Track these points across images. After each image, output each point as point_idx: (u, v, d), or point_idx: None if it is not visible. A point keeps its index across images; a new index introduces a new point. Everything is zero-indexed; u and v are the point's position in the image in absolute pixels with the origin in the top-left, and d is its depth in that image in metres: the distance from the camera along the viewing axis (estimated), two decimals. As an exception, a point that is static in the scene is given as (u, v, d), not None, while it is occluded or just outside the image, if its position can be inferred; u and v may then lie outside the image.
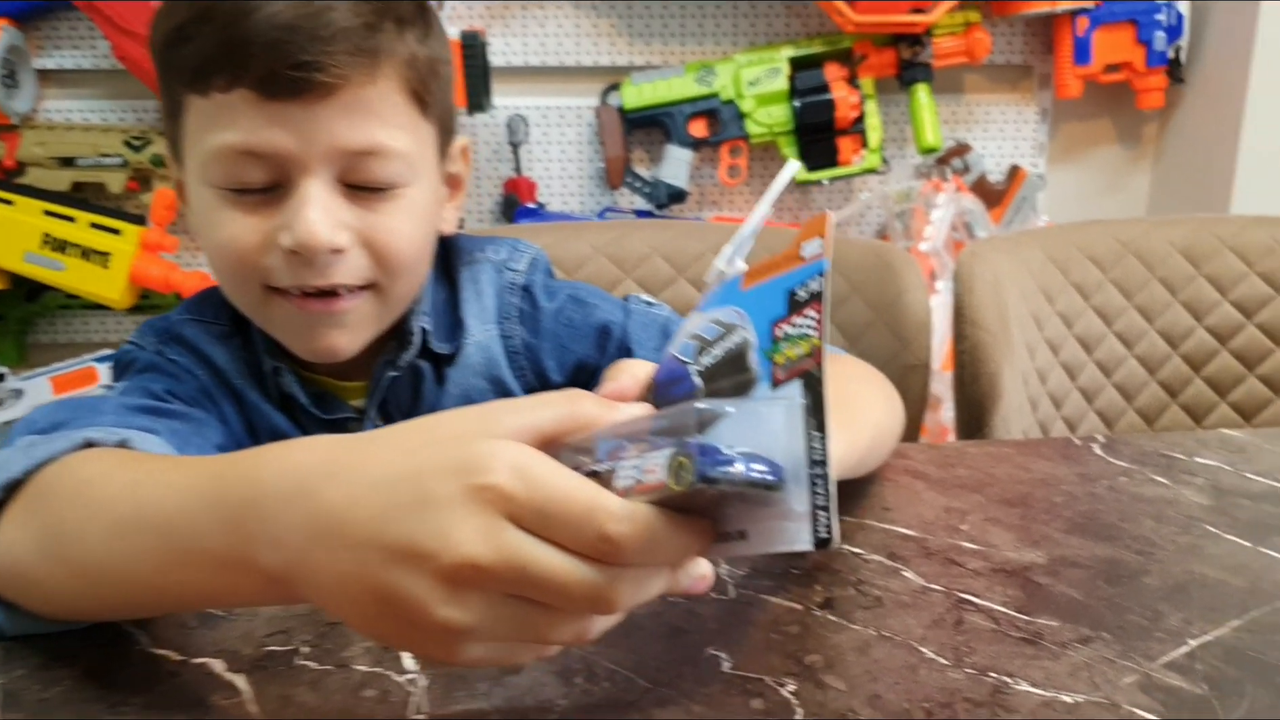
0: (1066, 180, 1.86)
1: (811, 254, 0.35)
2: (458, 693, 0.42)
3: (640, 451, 0.34)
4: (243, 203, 0.58)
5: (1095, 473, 0.65)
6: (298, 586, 0.36)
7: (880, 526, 0.58)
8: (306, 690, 0.43)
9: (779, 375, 0.35)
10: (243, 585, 0.38)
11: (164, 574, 0.40)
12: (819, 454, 0.33)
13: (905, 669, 0.44)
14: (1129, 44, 1.68)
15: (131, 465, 0.44)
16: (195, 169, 0.59)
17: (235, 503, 0.37)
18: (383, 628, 0.35)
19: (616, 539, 0.32)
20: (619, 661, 0.44)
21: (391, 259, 0.60)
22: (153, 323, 0.68)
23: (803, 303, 0.35)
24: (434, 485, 0.32)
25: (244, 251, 0.58)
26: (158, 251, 1.60)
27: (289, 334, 0.62)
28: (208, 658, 0.45)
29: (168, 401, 0.62)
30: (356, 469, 0.35)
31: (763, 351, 0.36)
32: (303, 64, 0.54)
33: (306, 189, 0.57)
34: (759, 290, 0.37)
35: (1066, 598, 0.49)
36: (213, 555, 0.38)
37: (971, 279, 0.94)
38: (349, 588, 0.34)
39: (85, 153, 1.61)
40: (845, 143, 1.69)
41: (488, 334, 0.68)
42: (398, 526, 0.33)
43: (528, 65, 1.71)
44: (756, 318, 0.37)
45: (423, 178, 0.62)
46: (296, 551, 0.35)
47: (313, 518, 0.34)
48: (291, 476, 0.36)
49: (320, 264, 0.58)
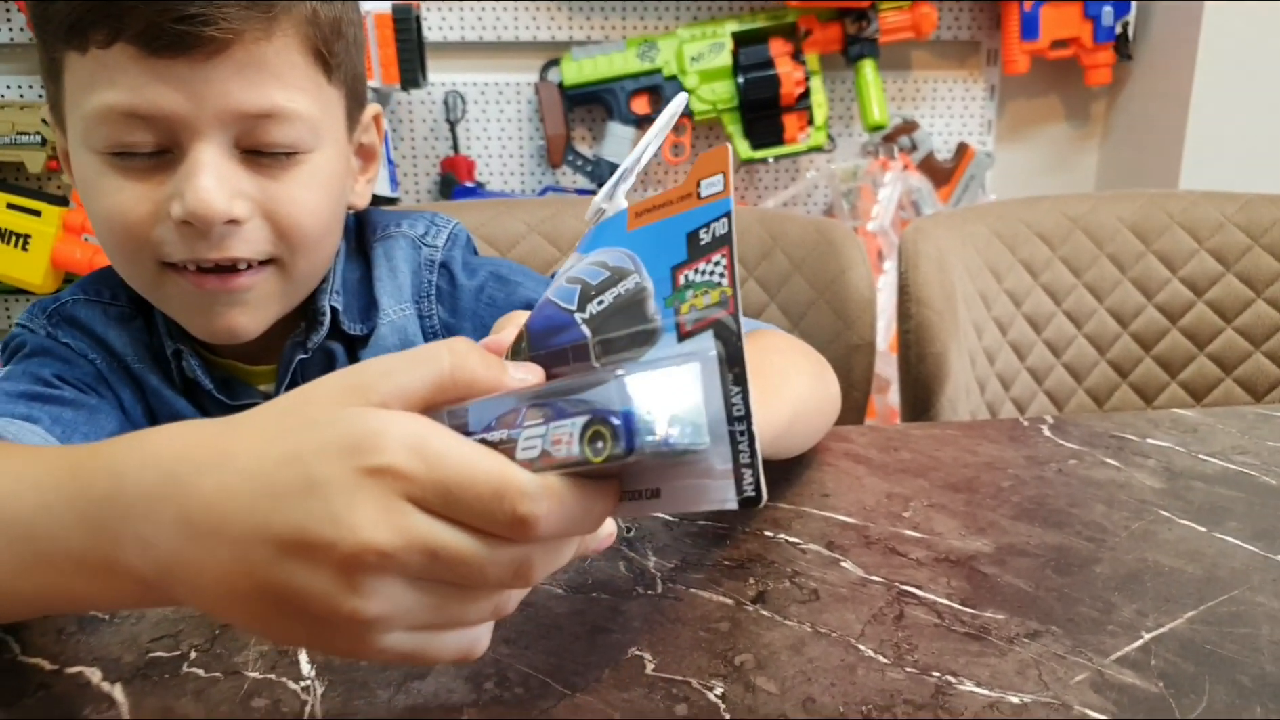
0: (1014, 158, 1.86)
1: (711, 192, 0.32)
2: (357, 701, 0.38)
3: (542, 418, 0.30)
4: (129, 169, 0.53)
5: (1044, 455, 0.63)
6: (173, 589, 0.32)
7: (819, 514, 0.55)
8: (190, 701, 0.39)
9: (685, 326, 0.32)
10: (111, 589, 0.34)
11: (23, 578, 0.35)
12: (739, 409, 0.30)
13: (842, 669, 0.41)
14: (1076, 19, 1.68)
15: None
16: (77, 133, 0.54)
17: (96, 498, 0.33)
18: (279, 627, 0.31)
19: (530, 519, 0.29)
20: (534, 665, 0.41)
21: (294, 232, 0.56)
22: (43, 303, 0.63)
23: (707, 247, 0.32)
24: (320, 468, 0.29)
25: (132, 223, 0.53)
26: (80, 234, 1.52)
27: (186, 314, 0.58)
28: (84, 666, 0.41)
29: (57, 387, 0.57)
30: (228, 457, 0.31)
31: (663, 299, 0.32)
32: (189, 16, 0.49)
33: (198, 154, 0.52)
34: (650, 231, 0.33)
35: (1014, 589, 0.47)
36: (75, 558, 0.33)
37: (916, 256, 0.92)
38: (236, 587, 0.30)
39: (1, 131, 1.53)
40: (790, 120, 1.66)
41: (403, 313, 0.63)
42: (284, 516, 0.29)
43: (464, 40, 1.66)
44: (651, 262, 0.33)
45: (328, 144, 0.57)
46: (169, 553, 0.31)
47: (184, 514, 0.31)
48: (155, 469, 0.32)
49: (215, 236, 0.53)
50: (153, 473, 0.32)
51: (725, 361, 0.30)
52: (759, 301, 0.96)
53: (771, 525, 0.53)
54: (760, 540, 0.52)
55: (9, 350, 0.61)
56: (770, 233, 0.95)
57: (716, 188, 0.32)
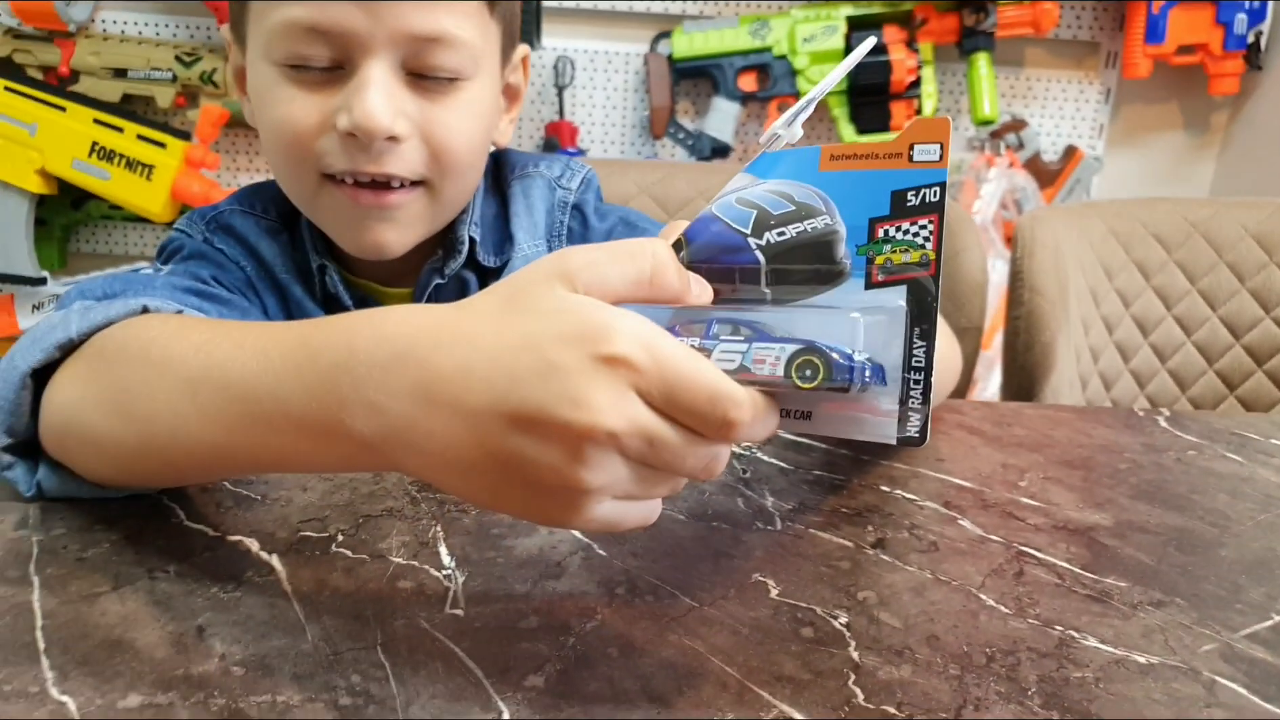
0: (1124, 164, 1.81)
1: (925, 159, 0.33)
2: (496, 591, 0.40)
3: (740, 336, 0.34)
4: (303, 80, 0.56)
5: (1162, 444, 0.62)
6: (395, 453, 0.34)
7: (935, 475, 0.55)
8: (341, 576, 0.41)
9: (877, 275, 0.33)
10: (327, 451, 0.36)
11: (238, 435, 0.38)
12: (919, 360, 0.33)
13: (964, 614, 0.41)
14: (1207, 25, 1.62)
15: (200, 327, 0.42)
16: (258, 46, 0.57)
17: (325, 367, 0.35)
18: (498, 493, 0.34)
19: (737, 423, 0.32)
20: (662, 577, 0.42)
21: (447, 155, 0.58)
22: (202, 211, 0.66)
23: (914, 209, 0.33)
24: (558, 353, 0.31)
25: (301, 131, 0.56)
26: (200, 168, 1.58)
27: (338, 226, 0.60)
28: (243, 536, 0.44)
29: (212, 287, 0.60)
30: (466, 337, 0.33)
31: (855, 245, 0.34)
32: None
33: (369, 71, 0.55)
34: (848, 177, 0.34)
35: (1135, 560, 0.47)
36: (296, 419, 0.36)
37: (1032, 244, 0.91)
38: (464, 455, 0.33)
39: (137, 65, 1.59)
40: (899, 107, 1.64)
41: (536, 249, 0.65)
42: (524, 393, 0.31)
43: (579, 8, 1.67)
44: (847, 208, 0.34)
45: (484, 75, 0.60)
46: (400, 418, 0.33)
47: (421, 385, 0.33)
48: (391, 343, 0.34)
49: (376, 150, 0.56)
50: (389, 346, 0.34)
51: (915, 317, 0.33)
52: (865, 278, 0.96)
53: (888, 481, 0.54)
54: (877, 493, 0.52)
55: (166, 253, 0.65)
56: (884, 210, 0.95)
57: (932, 156, 0.33)
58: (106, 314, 0.44)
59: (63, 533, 0.43)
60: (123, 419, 0.41)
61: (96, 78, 1.60)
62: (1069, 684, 0.37)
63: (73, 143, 1.55)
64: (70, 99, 1.56)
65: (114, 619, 0.37)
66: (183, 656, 0.35)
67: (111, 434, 0.41)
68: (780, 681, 0.36)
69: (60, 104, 1.55)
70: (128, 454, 0.42)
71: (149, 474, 0.44)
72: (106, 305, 0.45)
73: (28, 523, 0.44)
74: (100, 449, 0.43)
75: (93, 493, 0.45)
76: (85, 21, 1.61)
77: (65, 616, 0.37)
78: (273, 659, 0.35)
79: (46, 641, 0.36)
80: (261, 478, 0.49)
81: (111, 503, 0.46)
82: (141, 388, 0.40)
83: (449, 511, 0.47)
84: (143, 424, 0.40)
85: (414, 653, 0.36)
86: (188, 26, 1.66)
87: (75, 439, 0.43)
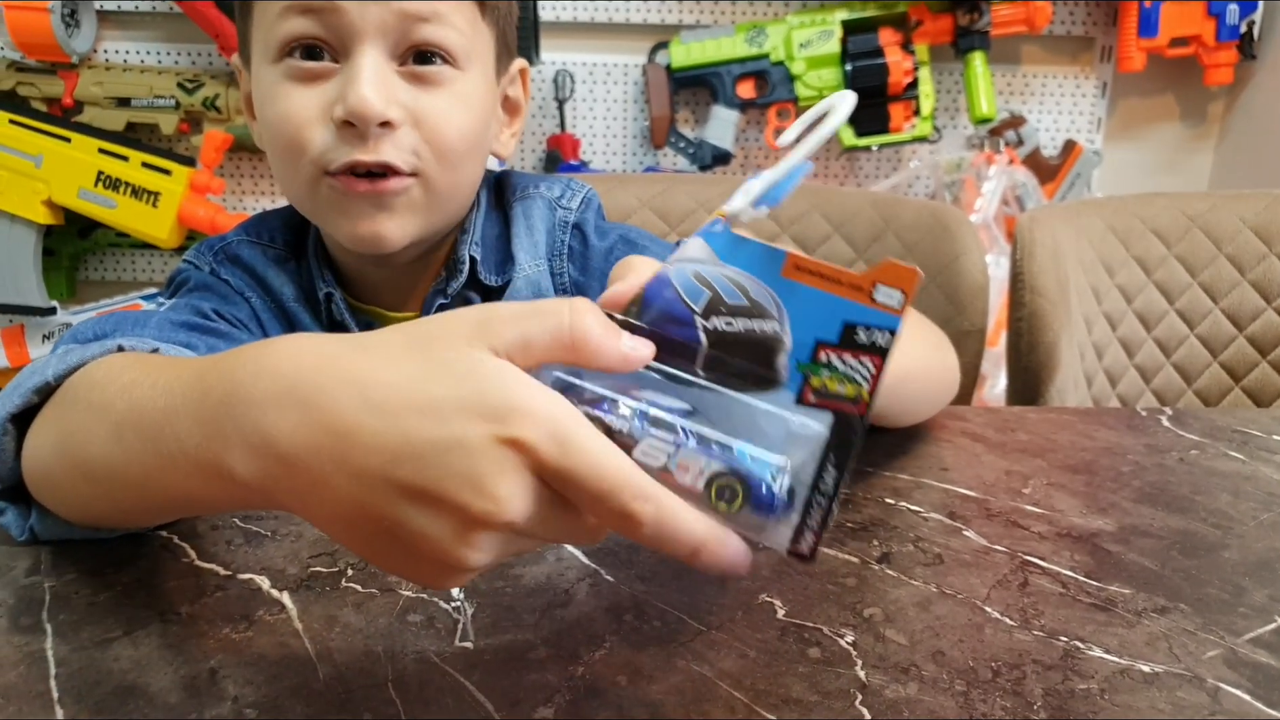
0: (1124, 157, 1.81)
1: (886, 303, 0.33)
2: (504, 622, 0.41)
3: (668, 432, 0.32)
4: (301, 76, 0.58)
5: (1164, 444, 0.62)
6: (279, 497, 0.33)
7: (939, 486, 0.55)
8: (351, 612, 0.42)
9: (809, 395, 0.33)
10: (223, 492, 0.34)
11: (155, 476, 0.37)
12: (826, 487, 0.32)
13: (970, 627, 0.42)
14: (1199, 17, 1.62)
15: (135, 367, 0.41)
16: (260, 51, 0.60)
17: (213, 404, 0.34)
18: (376, 550, 0.33)
19: (638, 517, 0.30)
20: (669, 602, 0.43)
21: (440, 142, 0.59)
22: (210, 242, 0.67)
23: (861, 346, 0.33)
24: (463, 427, 0.30)
25: (299, 124, 0.58)
26: (205, 193, 1.60)
27: (336, 218, 0.61)
28: (253, 574, 0.44)
29: (213, 320, 0.61)
30: (357, 382, 0.31)
31: (797, 362, 0.34)
32: None
33: (361, 59, 0.57)
34: (806, 294, 0.34)
35: (1139, 566, 0.47)
36: (193, 459, 0.34)
37: (1032, 244, 0.91)
38: (345, 513, 0.31)
39: (140, 93, 1.61)
40: (897, 109, 1.64)
41: (538, 269, 0.66)
42: (420, 465, 0.30)
43: (576, 20, 1.68)
44: (797, 321, 0.34)
45: (476, 71, 0.61)
46: (277, 463, 0.32)
47: (309, 430, 0.31)
48: (273, 379, 0.32)
49: (371, 138, 0.57)
50: (268, 383, 0.32)
51: (835, 447, 0.32)
52: (866, 285, 0.96)
53: (892, 494, 0.54)
54: (882, 506, 0.53)
55: (174, 284, 0.66)
56: (883, 215, 0.95)
57: (892, 301, 0.33)
58: (82, 356, 0.45)
59: (74, 577, 0.44)
60: (71, 464, 0.41)
61: (100, 107, 1.62)
62: (1074, 696, 0.37)
63: (78, 173, 1.57)
64: (75, 129, 1.58)
65: (127, 664, 0.38)
66: (195, 701, 0.36)
67: (66, 478, 0.42)
68: (788, 704, 0.36)
69: (65, 135, 1.57)
70: (81, 498, 0.43)
71: (105, 517, 0.44)
72: (84, 348, 0.46)
73: (40, 568, 0.45)
74: (61, 493, 0.43)
75: (84, 534, 0.46)
76: (87, 52, 1.63)
77: (78, 664, 0.38)
78: (285, 700, 0.36)
79: (60, 691, 0.37)
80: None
81: (123, 544, 0.47)
82: (82, 433, 0.41)
83: (457, 540, 0.48)
84: (86, 468, 0.41)
85: (424, 688, 0.37)
86: (189, 54, 1.68)
87: (45, 484, 0.44)
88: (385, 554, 0.32)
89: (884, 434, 0.62)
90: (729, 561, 0.32)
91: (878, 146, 1.66)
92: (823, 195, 1.00)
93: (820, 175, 1.79)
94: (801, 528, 0.33)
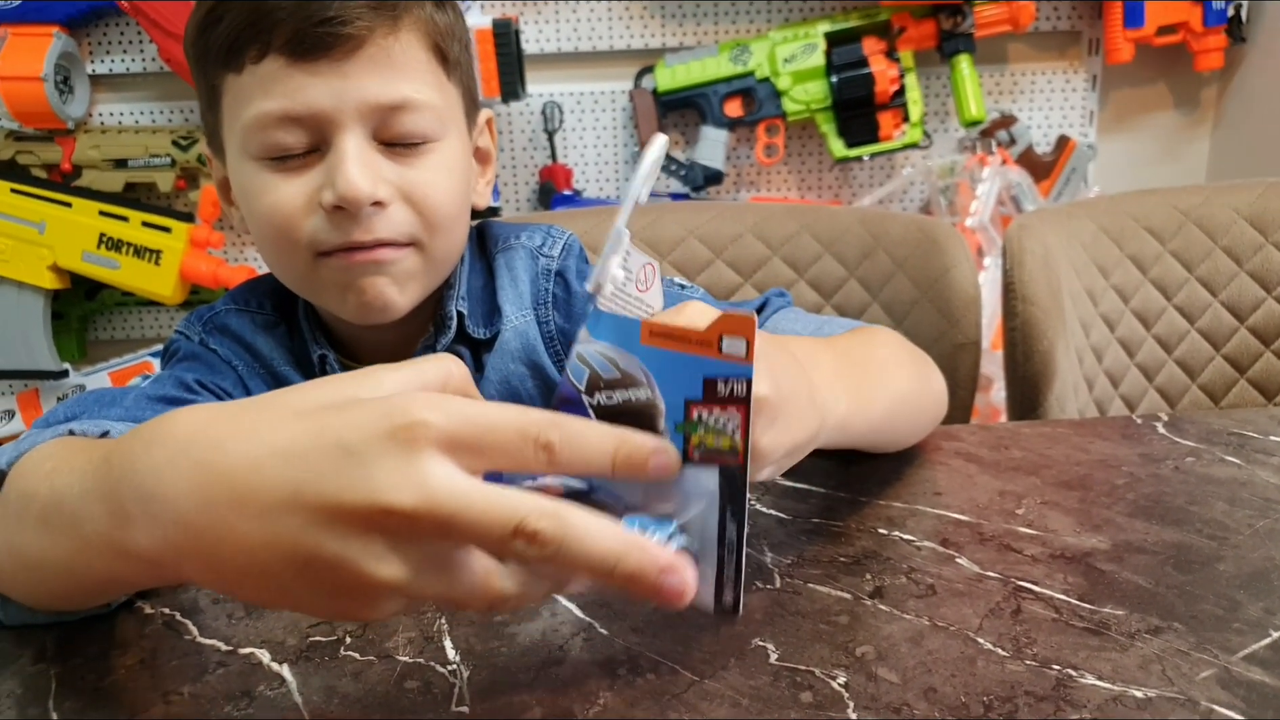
0: (1119, 149, 1.81)
1: (733, 352, 0.34)
2: (500, 683, 0.41)
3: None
4: (284, 168, 0.59)
5: (1160, 453, 0.62)
6: (184, 566, 0.33)
7: (932, 512, 0.56)
8: (350, 681, 0.42)
9: (694, 454, 0.35)
10: (130, 570, 0.36)
11: (77, 561, 0.38)
12: (731, 537, 0.35)
13: (962, 661, 0.42)
14: (1185, 4, 1.62)
15: (60, 453, 0.42)
16: (235, 146, 0.60)
17: (114, 480, 0.35)
18: (299, 595, 0.33)
19: (554, 446, 0.32)
20: (662, 652, 0.43)
21: (431, 211, 0.61)
22: (200, 312, 0.69)
23: (723, 399, 0.35)
24: (353, 435, 0.31)
25: (289, 215, 0.59)
26: (205, 247, 1.62)
27: (339, 294, 0.62)
28: (254, 648, 0.45)
29: (196, 392, 0.62)
30: (250, 435, 0.32)
31: (674, 424, 0.35)
32: (328, 19, 0.56)
33: (344, 145, 0.58)
34: (665, 356, 0.36)
35: (1133, 585, 0.47)
36: (103, 538, 0.35)
37: (1021, 253, 0.91)
38: (260, 560, 0.32)
39: (136, 154, 1.64)
40: (886, 117, 1.65)
41: (524, 319, 0.67)
42: (319, 485, 0.31)
43: (560, 51, 1.70)
44: (665, 385, 0.36)
45: (453, 135, 0.62)
46: (182, 528, 0.32)
47: (201, 488, 0.32)
48: (170, 446, 0.33)
49: (364, 218, 0.58)
50: (167, 450, 0.33)
51: (727, 497, 0.35)
52: (861, 301, 0.97)
53: (885, 523, 0.54)
54: (875, 537, 0.53)
55: (167, 354, 0.67)
56: (871, 232, 0.95)
57: (738, 350, 0.34)
58: (34, 441, 0.46)
59: (80, 662, 0.45)
60: (8, 551, 0.42)
61: (98, 170, 1.65)
62: (1066, 729, 0.37)
63: (81, 236, 1.59)
64: (75, 194, 1.60)
65: (132, 749, 0.39)
66: (198, 784, 0.37)
67: (8, 565, 0.43)
68: (779, 754, 0.36)
69: (66, 200, 1.60)
70: (23, 585, 0.43)
71: (50, 601, 0.45)
72: (40, 433, 0.47)
73: (45, 655, 0.46)
74: (8, 580, 0.44)
75: (47, 618, 0.46)
76: (82, 117, 1.66)
77: (86, 751, 0.39)
78: (284, 778, 0.37)
79: (68, 780, 0.37)
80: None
81: (127, 623, 0.47)
82: (14, 521, 0.41)
83: (453, 601, 0.48)
84: (20, 555, 0.41)
85: (420, 758, 0.37)
86: (181, 110, 1.70)
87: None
88: (307, 594, 0.33)
89: (879, 460, 0.62)
90: (657, 570, 0.32)
91: (869, 156, 1.67)
92: (812, 215, 1.01)
93: (813, 188, 1.80)
94: (720, 583, 0.35)
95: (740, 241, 1.00)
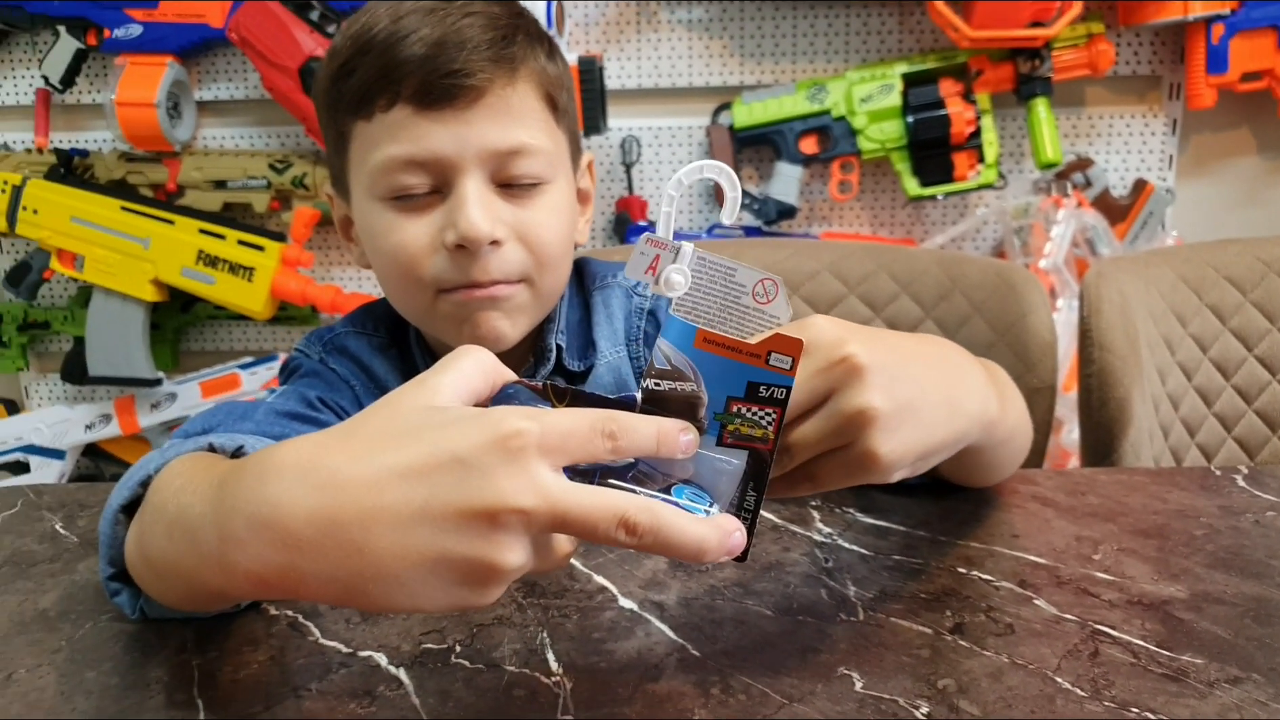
0: (1198, 195, 1.79)
1: (779, 365, 0.42)
2: (601, 696, 0.44)
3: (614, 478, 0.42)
4: (407, 208, 0.64)
5: (1239, 506, 0.63)
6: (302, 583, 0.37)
7: (1009, 554, 0.57)
8: (463, 687, 0.46)
9: (727, 438, 0.42)
10: (233, 585, 0.39)
11: (195, 574, 0.42)
12: (749, 505, 0.43)
13: (1041, 698, 0.44)
14: (1269, 50, 1.61)
15: (188, 471, 0.46)
16: (363, 189, 0.65)
17: (226, 509, 0.38)
18: (420, 595, 0.36)
19: (616, 433, 0.38)
20: (753, 675, 0.46)
21: (542, 250, 0.65)
22: (320, 333, 0.74)
23: (764, 399, 0.42)
24: (465, 451, 0.35)
25: (414, 254, 0.64)
26: (296, 266, 1.70)
27: (456, 326, 0.67)
28: (371, 651, 0.49)
29: (318, 409, 0.67)
30: (364, 458, 0.36)
31: (714, 414, 0.42)
32: (452, 72, 0.61)
33: (465, 188, 0.62)
34: (715, 361, 0.42)
35: (1211, 635, 0.48)
36: (214, 557, 0.39)
37: (1099, 300, 0.92)
38: (387, 568, 0.35)
39: (235, 175, 1.73)
40: (960, 158, 1.66)
41: (618, 355, 0.70)
42: (445, 496, 0.35)
43: (641, 87, 1.75)
44: (711, 383, 0.42)
45: (561, 178, 0.67)
46: (298, 551, 0.36)
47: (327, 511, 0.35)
48: (286, 477, 0.36)
49: (482, 256, 0.63)
50: (279, 481, 0.36)
51: (753, 475, 0.42)
52: (935, 343, 0.98)
53: (964, 563, 0.56)
54: (954, 576, 0.55)
55: (287, 371, 0.72)
56: (949, 275, 0.97)
57: (784, 365, 0.42)
58: (177, 451, 0.50)
59: (216, 655, 0.49)
60: (142, 557, 0.47)
61: (200, 190, 1.74)
62: (1144, 769, 0.39)
63: (181, 252, 1.68)
64: (178, 212, 1.69)
65: (271, 737, 0.43)
66: (334, 771, 0.40)
67: (143, 568, 0.47)
68: (867, 776, 0.39)
69: (169, 218, 1.69)
70: (155, 588, 0.48)
71: (176, 605, 0.49)
72: (182, 443, 0.51)
73: (186, 647, 0.50)
74: (144, 581, 0.49)
75: (183, 614, 0.50)
76: (188, 140, 1.75)
77: (230, 736, 0.43)
78: (411, 771, 0.40)
79: (217, 761, 0.41)
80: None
81: (255, 624, 0.51)
82: (148, 531, 0.46)
83: (553, 617, 0.51)
84: (150, 562, 0.46)
85: (533, 760, 0.40)
86: (278, 135, 1.79)
87: (134, 572, 0.49)
88: (431, 592, 0.36)
89: (956, 501, 0.64)
90: (729, 548, 0.39)
91: (943, 195, 1.68)
92: (889, 255, 1.03)
93: (886, 224, 1.81)
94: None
95: (817, 279, 1.02)
